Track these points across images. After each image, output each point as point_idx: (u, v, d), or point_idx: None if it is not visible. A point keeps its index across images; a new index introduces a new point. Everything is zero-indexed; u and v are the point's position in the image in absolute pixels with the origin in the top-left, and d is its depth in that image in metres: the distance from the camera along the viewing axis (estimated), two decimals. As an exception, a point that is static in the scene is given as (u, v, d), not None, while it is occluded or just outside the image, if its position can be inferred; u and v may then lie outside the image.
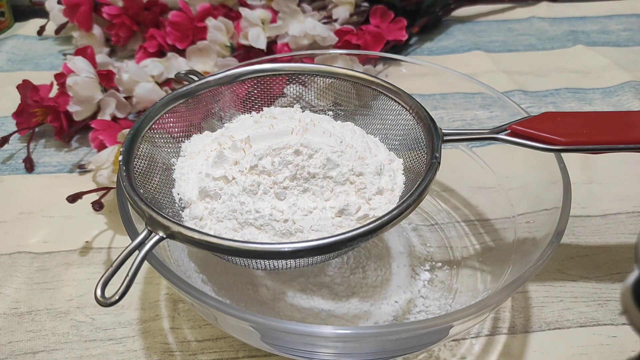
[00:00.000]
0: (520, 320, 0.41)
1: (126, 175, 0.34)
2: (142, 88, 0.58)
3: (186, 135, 0.41)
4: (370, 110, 0.43)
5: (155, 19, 0.70)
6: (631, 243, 0.48)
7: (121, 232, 0.48)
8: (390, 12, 0.69)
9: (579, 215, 0.50)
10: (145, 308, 0.42)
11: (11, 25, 0.80)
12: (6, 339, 0.40)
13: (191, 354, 0.39)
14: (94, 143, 0.54)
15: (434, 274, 0.44)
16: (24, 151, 0.57)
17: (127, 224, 0.34)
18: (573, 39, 0.77)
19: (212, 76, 0.42)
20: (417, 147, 0.38)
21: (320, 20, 0.68)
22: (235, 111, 0.44)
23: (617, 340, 0.40)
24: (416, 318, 0.40)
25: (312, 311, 0.39)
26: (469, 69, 0.70)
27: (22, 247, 0.47)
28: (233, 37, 0.66)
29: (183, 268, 0.40)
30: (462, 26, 0.81)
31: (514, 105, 0.44)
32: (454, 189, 0.51)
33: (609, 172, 0.55)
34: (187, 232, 0.31)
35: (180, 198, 0.38)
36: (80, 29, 0.70)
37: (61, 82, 0.58)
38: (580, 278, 0.44)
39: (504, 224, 0.45)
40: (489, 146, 0.48)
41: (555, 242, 0.34)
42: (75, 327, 0.41)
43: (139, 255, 0.30)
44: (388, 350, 0.34)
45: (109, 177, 0.48)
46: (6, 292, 0.43)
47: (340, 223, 0.35)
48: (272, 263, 0.34)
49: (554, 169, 0.39)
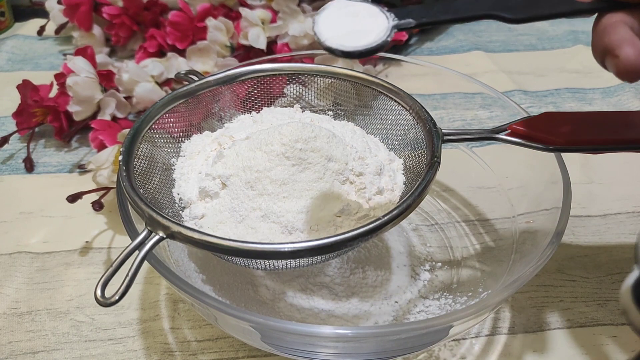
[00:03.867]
0: (520, 320, 0.41)
1: (126, 175, 0.34)
2: (142, 88, 0.58)
3: (186, 135, 0.41)
4: (370, 110, 0.43)
5: (155, 19, 0.70)
6: (631, 243, 0.48)
7: (121, 232, 0.48)
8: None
9: (579, 215, 0.50)
10: (145, 308, 0.42)
11: (11, 25, 0.80)
12: (6, 339, 0.40)
13: (191, 354, 0.39)
14: (94, 143, 0.54)
15: (434, 274, 0.44)
16: (24, 151, 0.57)
17: (127, 224, 0.34)
18: (573, 39, 0.77)
19: (212, 76, 0.42)
20: (417, 147, 0.38)
21: (320, 20, 0.67)
22: (235, 111, 0.44)
23: (617, 340, 0.40)
24: (416, 318, 0.40)
25: (312, 311, 0.39)
26: (469, 69, 0.70)
27: (22, 247, 0.47)
28: (233, 37, 0.66)
29: (183, 268, 0.40)
30: (462, 26, 0.81)
31: (514, 105, 0.44)
32: (454, 189, 0.51)
33: (609, 172, 0.54)
34: (187, 232, 0.31)
35: (180, 198, 0.38)
36: (80, 29, 0.70)
37: (61, 82, 0.58)
38: (580, 278, 0.44)
39: (504, 224, 0.45)
40: (489, 146, 0.48)
41: (555, 242, 0.34)
42: (75, 327, 0.41)
43: (139, 255, 0.30)
44: (388, 350, 0.34)
45: (109, 177, 0.48)
46: (6, 292, 0.43)
47: (340, 223, 0.35)
48: (272, 263, 0.34)
49: (554, 169, 0.39)
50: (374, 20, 0.27)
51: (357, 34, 0.26)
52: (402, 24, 0.28)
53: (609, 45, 0.29)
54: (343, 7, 0.28)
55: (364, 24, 0.27)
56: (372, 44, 0.26)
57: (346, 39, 0.26)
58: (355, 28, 0.27)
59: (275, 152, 0.35)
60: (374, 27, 0.27)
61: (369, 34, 0.26)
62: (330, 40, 0.26)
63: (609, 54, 0.29)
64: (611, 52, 0.29)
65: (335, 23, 0.27)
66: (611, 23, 0.30)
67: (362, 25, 0.27)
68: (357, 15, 0.27)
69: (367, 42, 0.26)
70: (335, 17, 0.27)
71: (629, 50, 0.28)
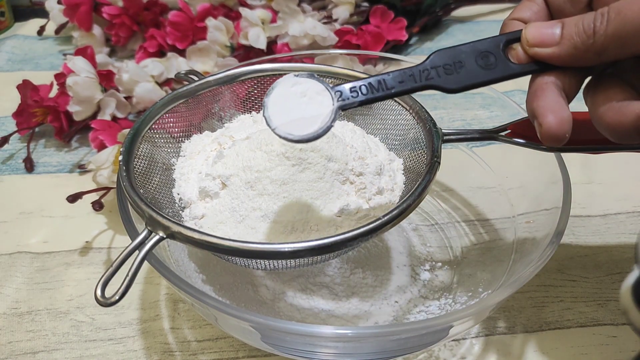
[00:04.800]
0: (520, 320, 0.41)
1: (126, 175, 0.34)
2: (142, 88, 0.58)
3: (186, 135, 0.41)
4: (370, 110, 0.43)
5: (155, 19, 0.70)
6: (631, 243, 0.48)
7: (121, 232, 0.48)
8: (390, 12, 0.69)
9: (579, 215, 0.50)
10: (145, 308, 0.42)
11: (11, 25, 0.80)
12: (6, 339, 0.40)
13: (191, 354, 0.39)
14: (94, 143, 0.54)
15: (434, 274, 0.44)
16: (24, 151, 0.57)
17: (127, 224, 0.34)
18: (573, 39, 0.77)
19: (212, 76, 0.42)
20: (417, 147, 0.38)
21: (320, 20, 0.68)
22: (235, 111, 0.44)
23: (617, 340, 0.40)
24: (416, 318, 0.40)
25: (312, 311, 0.39)
26: (469, 69, 0.70)
27: (22, 247, 0.47)
28: (233, 37, 0.66)
29: (183, 268, 0.40)
30: (462, 26, 0.81)
31: (514, 105, 0.44)
32: (454, 189, 0.51)
33: (609, 172, 0.55)
34: (187, 232, 0.31)
35: (180, 198, 0.38)
36: (80, 29, 0.70)
37: (61, 82, 0.58)
38: (580, 278, 0.44)
39: (504, 224, 0.45)
40: (489, 146, 0.48)
41: (555, 242, 0.34)
42: (75, 327, 0.41)
43: (139, 255, 0.30)
44: (388, 350, 0.34)
45: (109, 177, 0.48)
46: (6, 292, 0.43)
47: (340, 223, 0.35)
48: (272, 263, 0.34)
49: (554, 169, 0.39)
50: (320, 101, 0.30)
51: (304, 121, 0.30)
52: (347, 104, 0.30)
53: (534, 111, 0.30)
54: (290, 85, 0.30)
55: (310, 110, 0.30)
56: (318, 131, 0.29)
57: (294, 127, 0.30)
58: (302, 115, 0.30)
59: (276, 152, 0.35)
60: (320, 111, 0.30)
61: (315, 121, 0.30)
62: (279, 128, 0.29)
63: (535, 119, 0.30)
64: (536, 119, 0.30)
65: (284, 107, 0.30)
66: (541, 86, 0.30)
67: (309, 110, 0.30)
68: (304, 95, 0.30)
69: (313, 130, 0.29)
70: (284, 100, 0.30)
71: (551, 119, 0.29)
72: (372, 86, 0.31)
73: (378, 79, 0.31)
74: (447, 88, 0.31)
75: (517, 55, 0.31)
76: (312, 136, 0.29)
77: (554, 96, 0.30)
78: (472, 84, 0.32)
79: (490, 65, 0.31)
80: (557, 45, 0.30)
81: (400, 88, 0.31)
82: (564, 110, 0.29)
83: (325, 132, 0.30)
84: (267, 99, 0.30)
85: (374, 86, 0.31)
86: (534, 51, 0.30)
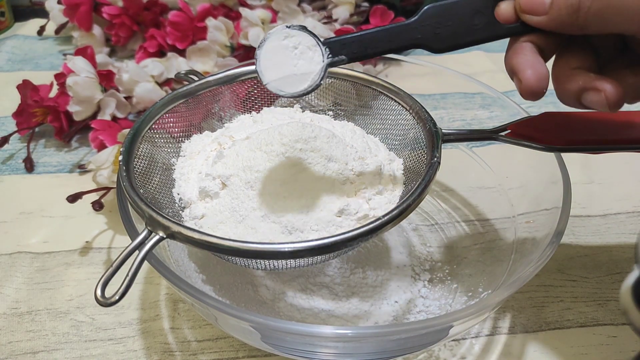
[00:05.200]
0: (520, 320, 0.41)
1: (126, 175, 0.34)
2: (142, 88, 0.58)
3: (186, 135, 0.41)
4: (370, 110, 0.43)
5: (155, 19, 0.70)
6: (631, 243, 0.48)
7: (121, 232, 0.48)
8: (390, 12, 0.69)
9: (579, 215, 0.50)
10: (145, 308, 0.42)
11: (11, 25, 0.80)
12: (6, 339, 0.40)
13: (191, 354, 0.39)
14: (94, 143, 0.54)
15: (434, 274, 0.44)
16: (24, 151, 0.57)
17: (127, 224, 0.34)
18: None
19: (212, 76, 0.42)
20: (417, 147, 0.38)
21: (320, 20, 0.68)
22: (235, 111, 0.44)
23: (617, 340, 0.40)
24: (416, 318, 0.40)
25: (312, 311, 0.39)
26: (469, 69, 0.70)
27: (22, 247, 0.47)
28: (233, 37, 0.67)
29: (183, 268, 0.40)
30: (462, 26, 0.81)
31: (514, 105, 0.44)
32: (454, 189, 0.51)
33: (609, 172, 0.55)
34: (187, 232, 0.31)
35: (180, 198, 0.38)
36: (80, 29, 0.70)
37: (61, 82, 0.58)
38: (580, 278, 0.44)
39: (504, 224, 0.45)
40: (489, 146, 0.48)
41: (555, 242, 0.34)
42: (75, 327, 0.41)
43: (139, 255, 0.30)
44: (388, 350, 0.34)
45: (109, 177, 0.48)
46: (6, 292, 0.43)
47: (340, 223, 0.35)
48: (272, 263, 0.34)
49: (554, 169, 0.39)
50: (310, 56, 0.31)
51: (295, 78, 0.31)
52: (336, 61, 0.32)
53: (515, 67, 0.32)
54: (282, 38, 0.31)
55: (301, 66, 0.31)
56: (307, 88, 0.31)
57: (285, 84, 0.31)
58: (293, 71, 0.31)
59: (276, 152, 0.35)
60: (311, 68, 0.31)
61: (306, 78, 0.31)
62: (271, 84, 0.31)
63: (514, 75, 0.32)
64: (516, 74, 0.31)
65: (275, 62, 0.31)
66: (521, 44, 0.32)
67: (300, 67, 0.31)
68: (296, 48, 0.31)
69: (303, 87, 0.31)
70: (276, 53, 0.31)
71: (530, 74, 0.31)
72: (361, 43, 0.32)
73: (368, 36, 0.32)
74: (434, 47, 0.33)
75: (506, 14, 0.33)
76: (302, 93, 0.31)
77: (533, 54, 0.32)
78: (458, 44, 0.33)
79: (478, 25, 0.33)
80: (545, 15, 0.31)
81: (388, 46, 0.32)
82: (542, 67, 0.31)
83: (314, 89, 0.31)
84: (259, 51, 0.31)
85: (363, 43, 0.32)
86: (523, 17, 0.32)
